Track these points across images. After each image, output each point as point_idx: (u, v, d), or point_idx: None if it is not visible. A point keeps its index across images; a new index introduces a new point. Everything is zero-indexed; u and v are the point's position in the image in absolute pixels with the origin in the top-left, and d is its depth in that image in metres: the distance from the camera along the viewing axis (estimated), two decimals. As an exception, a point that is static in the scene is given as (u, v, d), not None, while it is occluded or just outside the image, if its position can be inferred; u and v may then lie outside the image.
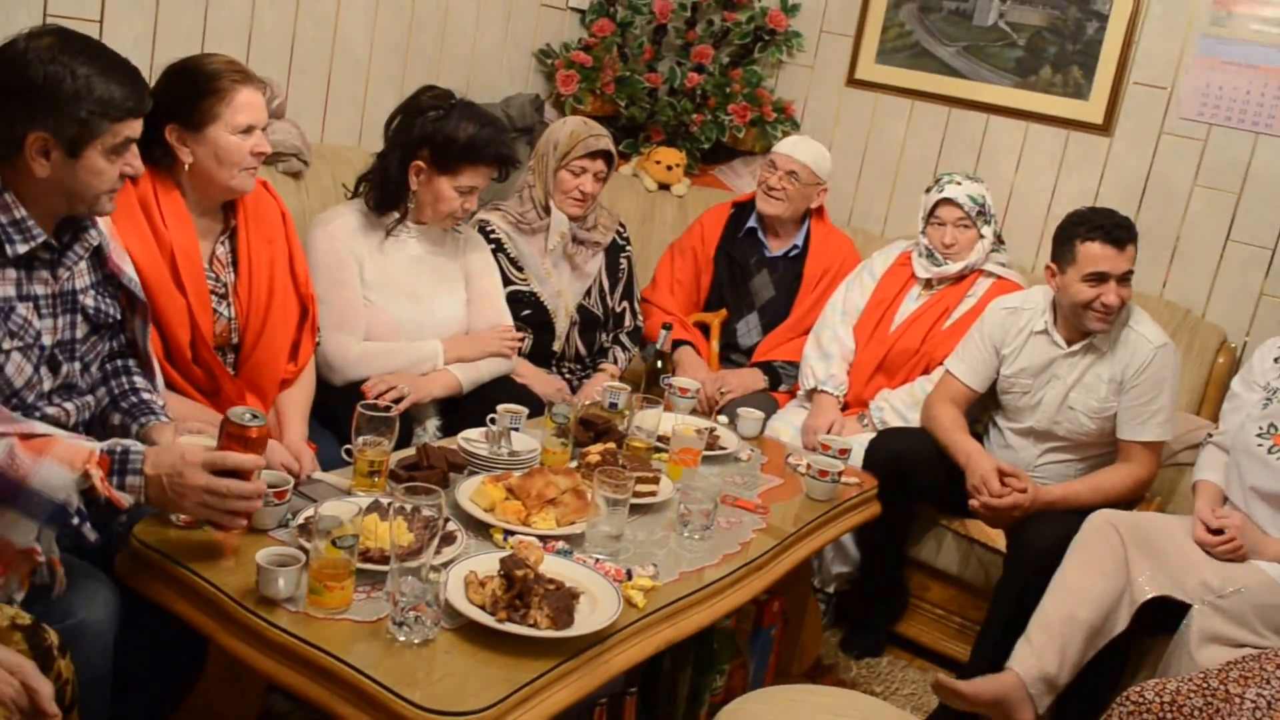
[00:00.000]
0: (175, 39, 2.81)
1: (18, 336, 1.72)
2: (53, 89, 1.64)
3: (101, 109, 1.67)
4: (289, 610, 1.61)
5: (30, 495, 1.56)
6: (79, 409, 1.85)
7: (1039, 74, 3.59)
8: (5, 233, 1.69)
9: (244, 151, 2.18)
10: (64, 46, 1.67)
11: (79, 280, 1.84)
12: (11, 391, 1.72)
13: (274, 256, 2.34)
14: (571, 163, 2.96)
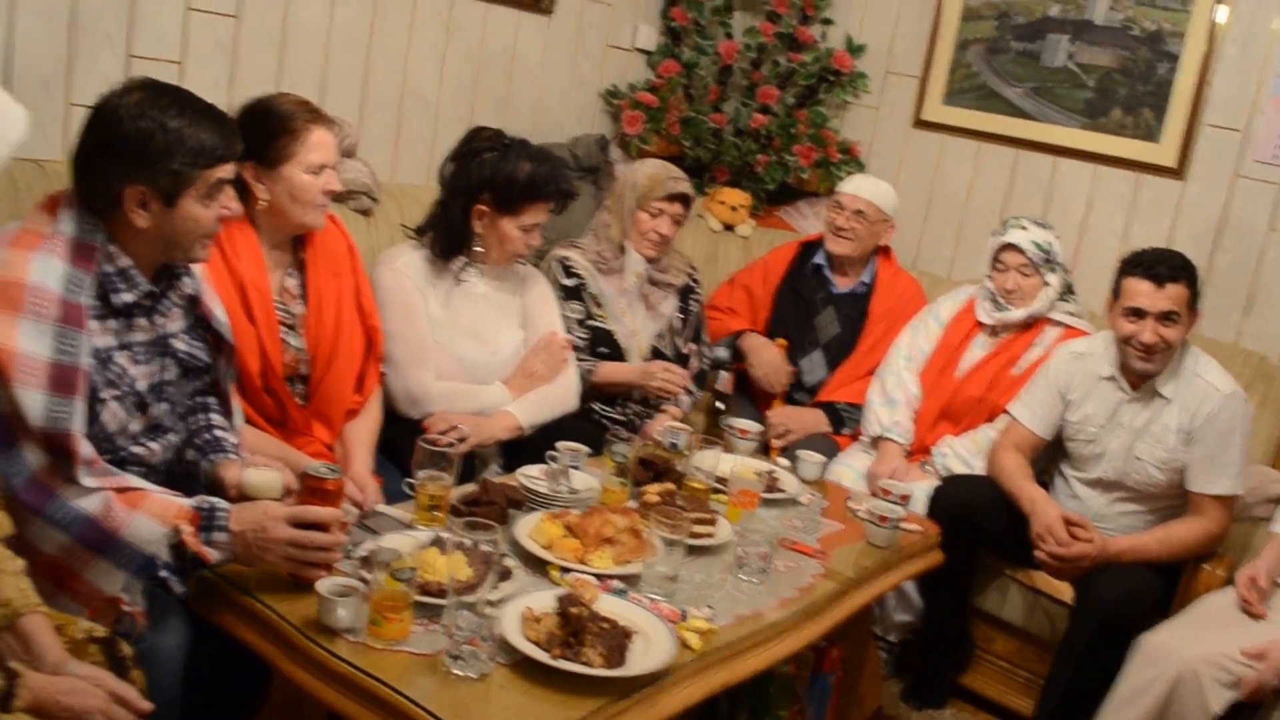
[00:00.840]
0: (252, 80, 2.90)
1: (115, 385, 1.78)
2: (145, 144, 1.70)
3: (192, 158, 1.72)
4: (349, 640, 1.63)
5: (122, 547, 1.64)
6: (164, 448, 1.90)
7: (1109, 116, 3.55)
8: (112, 282, 1.75)
9: (316, 189, 2.23)
10: (153, 101, 1.73)
11: (172, 325, 1.90)
12: (105, 435, 1.77)
13: (341, 289, 2.39)
14: (650, 204, 2.99)
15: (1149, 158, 3.48)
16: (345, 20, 3.08)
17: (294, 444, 2.24)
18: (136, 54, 2.68)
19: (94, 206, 1.74)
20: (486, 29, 3.46)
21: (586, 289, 2.98)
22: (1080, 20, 3.57)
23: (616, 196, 3.05)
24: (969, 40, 3.76)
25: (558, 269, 2.96)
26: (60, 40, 2.54)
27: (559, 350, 2.75)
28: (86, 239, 1.72)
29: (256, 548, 1.69)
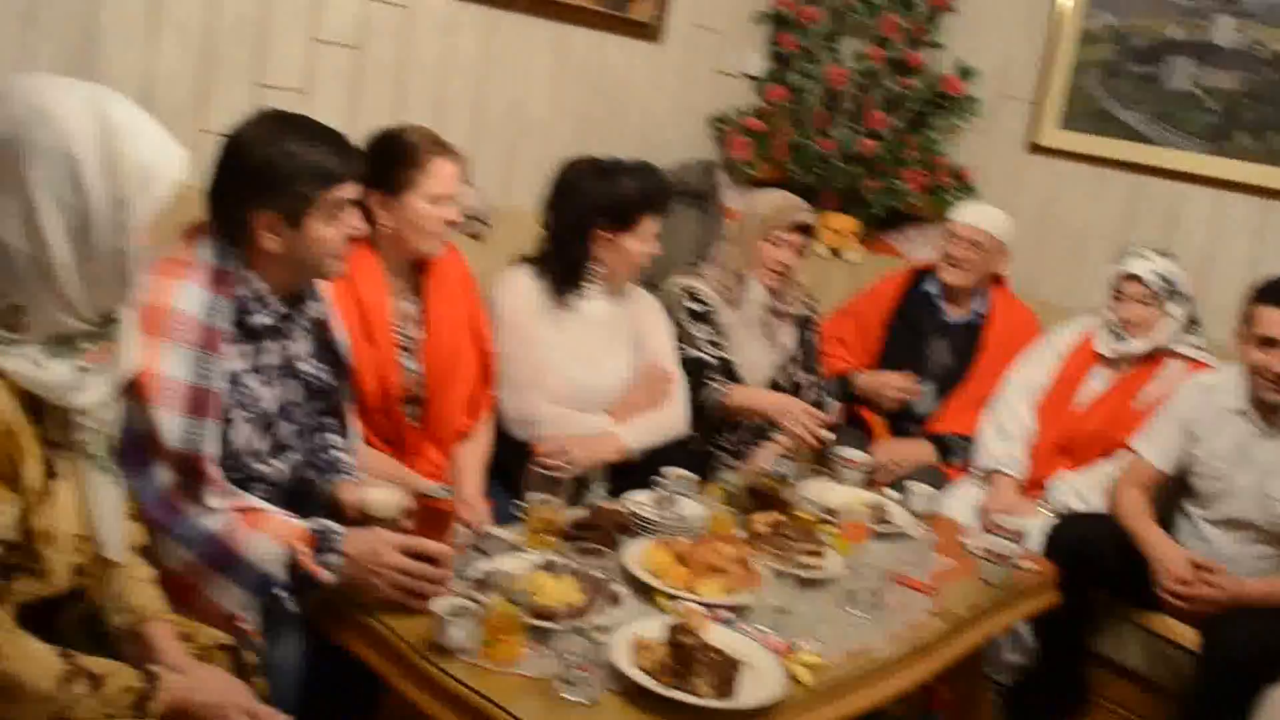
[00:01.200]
0: (372, 107, 2.99)
1: (245, 407, 1.84)
2: (269, 170, 1.77)
3: (313, 180, 1.79)
4: (463, 660, 1.65)
5: (242, 565, 1.70)
6: (288, 466, 1.97)
7: (1234, 140, 3.42)
8: (248, 306, 1.83)
9: (436, 219, 2.28)
10: (277, 129, 1.81)
11: (298, 347, 1.96)
12: (233, 455, 1.84)
13: (458, 316, 2.43)
14: (772, 234, 2.98)
15: (1278, 183, 3.34)
16: (462, 49, 3.15)
17: (407, 464, 2.29)
18: (264, 83, 2.79)
19: (228, 232, 1.81)
20: (598, 56, 3.51)
21: (712, 318, 2.97)
22: (1203, 42, 3.46)
23: (738, 226, 3.04)
24: (1085, 63, 3.67)
25: (684, 297, 2.95)
26: (195, 71, 2.66)
27: (661, 382, 2.76)
28: (224, 265, 1.80)
29: (367, 572, 1.73)
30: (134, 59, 2.55)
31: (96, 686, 1.32)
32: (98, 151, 1.26)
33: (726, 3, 3.86)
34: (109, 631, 1.48)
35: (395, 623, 1.72)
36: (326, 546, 1.74)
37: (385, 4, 2.96)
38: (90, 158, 1.25)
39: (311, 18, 2.84)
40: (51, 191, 1.24)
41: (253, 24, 2.73)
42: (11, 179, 1.23)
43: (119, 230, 1.28)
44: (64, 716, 1.31)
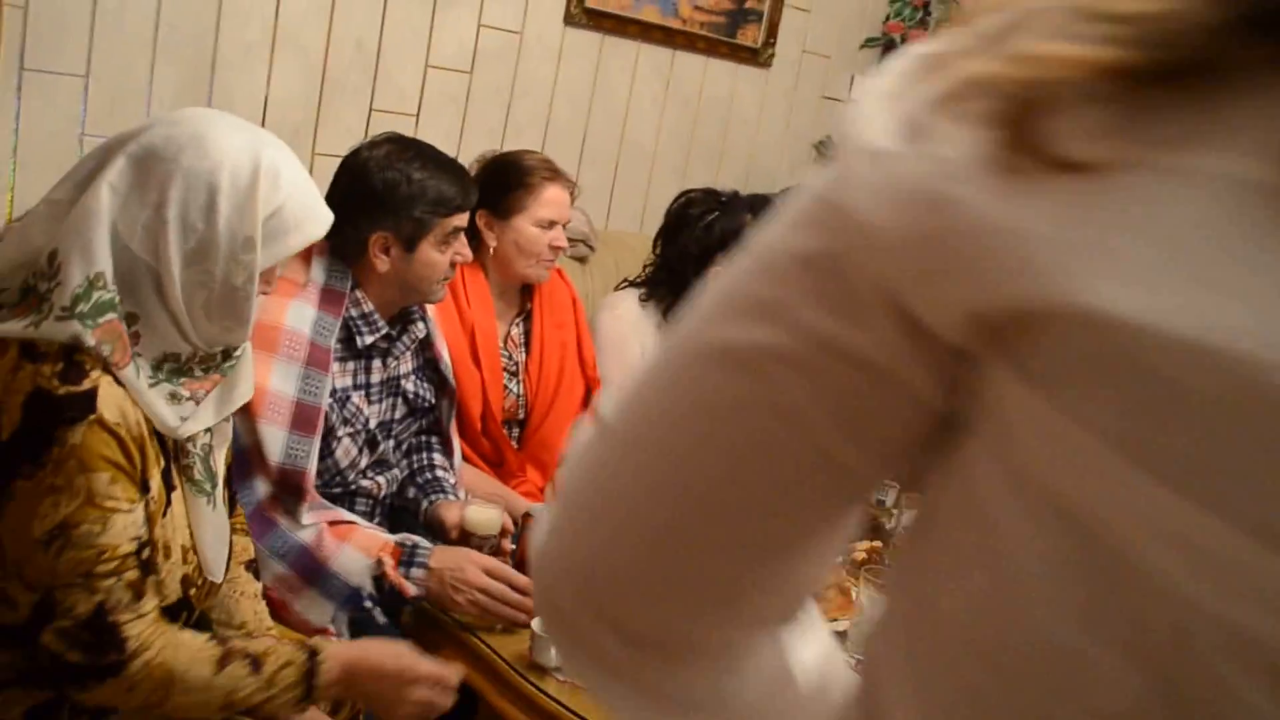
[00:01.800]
0: (480, 132, 3.04)
1: (350, 424, 1.89)
2: (390, 193, 1.83)
3: (433, 207, 1.85)
4: (557, 679, 1.64)
5: (331, 577, 1.74)
6: (389, 482, 2.01)
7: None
8: (356, 325, 1.88)
9: (543, 243, 2.30)
10: (399, 154, 1.87)
11: (403, 366, 2.01)
12: (337, 470, 1.89)
13: (564, 340, 2.45)
14: None
15: None
16: (570, 75, 3.19)
17: (508, 485, 2.30)
18: (378, 108, 2.86)
19: (342, 252, 1.86)
20: (705, 81, 3.51)
21: None
22: None
23: None
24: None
25: None
26: (312, 94, 2.74)
27: None
28: (336, 286, 1.86)
29: (450, 588, 1.76)
30: (252, 82, 2.64)
31: (257, 667, 1.34)
32: (239, 189, 1.29)
33: (836, 28, 3.83)
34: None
35: (493, 639, 1.74)
36: (412, 560, 1.77)
37: (498, 30, 3.01)
38: (229, 191, 1.29)
39: (427, 44, 2.90)
40: (183, 212, 1.28)
41: (369, 50, 2.81)
42: (155, 194, 1.28)
43: (238, 267, 1.30)
44: (235, 702, 1.33)
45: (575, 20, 3.12)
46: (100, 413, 1.22)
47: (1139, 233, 0.38)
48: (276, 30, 2.65)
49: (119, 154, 1.28)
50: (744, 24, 3.51)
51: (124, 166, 1.27)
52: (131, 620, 1.27)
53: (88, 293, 1.22)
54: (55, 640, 1.23)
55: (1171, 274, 0.37)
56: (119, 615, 1.25)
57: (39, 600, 1.23)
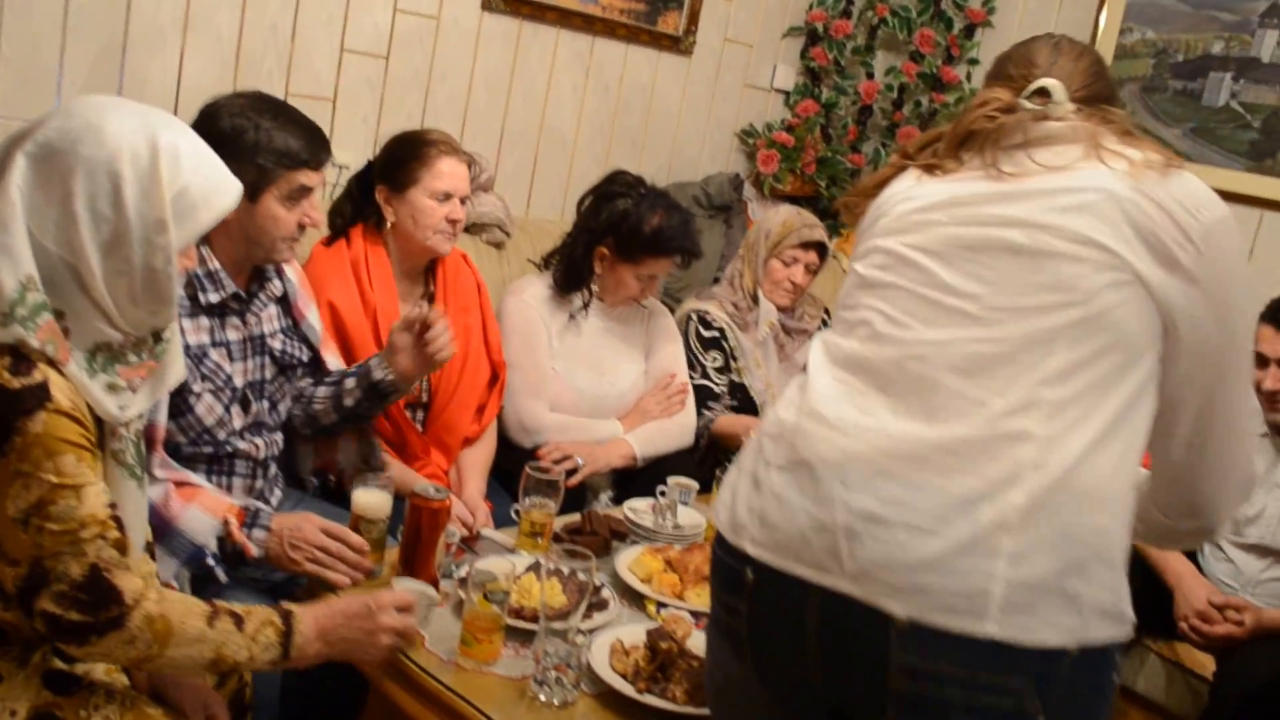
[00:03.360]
0: (398, 116, 3.03)
1: (209, 380, 1.88)
2: (235, 138, 1.82)
3: (277, 158, 1.84)
4: (441, 658, 1.66)
5: (176, 535, 1.75)
6: (268, 444, 2.01)
7: (1276, 157, 3.34)
8: (200, 283, 1.88)
9: (439, 215, 2.31)
10: (254, 105, 1.87)
11: (268, 325, 2.01)
12: (203, 429, 1.89)
13: (469, 324, 2.46)
14: (783, 252, 2.95)
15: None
16: (488, 60, 3.19)
17: (411, 467, 2.31)
18: (294, 92, 2.85)
19: None
20: (625, 68, 3.53)
21: (726, 340, 2.95)
22: (1245, 57, 3.38)
23: (749, 245, 3.02)
24: (1123, 79, 3.61)
25: (696, 322, 2.94)
26: (226, 78, 2.72)
27: (676, 393, 2.75)
28: None
29: (290, 547, 1.79)
30: (164, 65, 2.62)
31: (240, 624, 1.38)
32: (141, 173, 1.30)
33: (759, 16, 3.86)
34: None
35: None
36: (255, 522, 1.81)
37: (414, 15, 3.01)
38: (132, 177, 1.29)
39: (342, 28, 2.89)
40: (91, 204, 1.28)
41: (283, 33, 2.79)
42: (59, 189, 1.28)
43: (154, 251, 1.31)
44: (220, 657, 1.36)
45: (493, 5, 3.13)
46: (56, 400, 1.26)
47: None
48: (189, 13, 2.63)
49: (17, 154, 1.29)
50: (665, 11, 3.53)
51: (24, 166, 1.28)
52: (125, 574, 1.31)
53: (22, 296, 1.25)
54: (54, 604, 1.27)
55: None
56: (113, 572, 1.29)
57: (27, 572, 1.27)
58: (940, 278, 1.26)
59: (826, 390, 1.28)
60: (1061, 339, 1.19)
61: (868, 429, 1.22)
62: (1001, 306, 1.22)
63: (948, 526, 1.14)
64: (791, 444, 1.26)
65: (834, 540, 1.18)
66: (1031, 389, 1.17)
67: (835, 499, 1.20)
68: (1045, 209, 1.24)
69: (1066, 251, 1.21)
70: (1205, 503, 1.35)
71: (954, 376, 1.21)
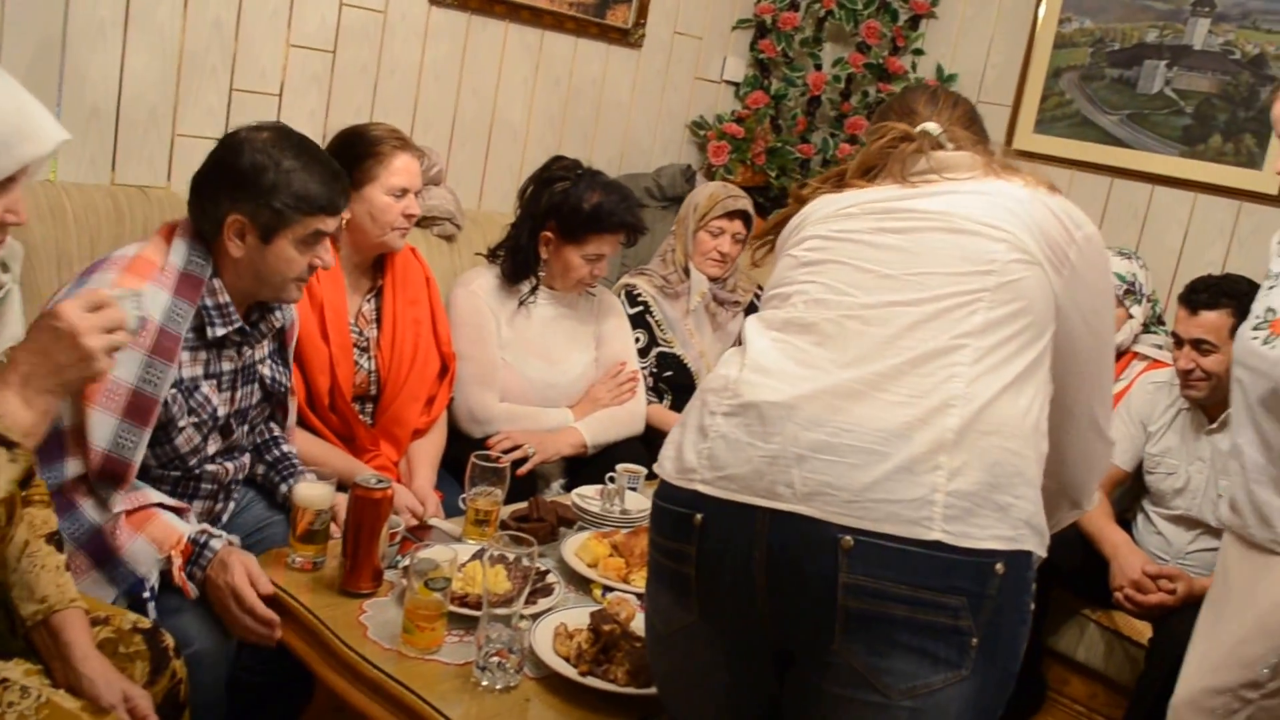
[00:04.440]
0: (346, 110, 3.04)
1: (195, 414, 1.86)
2: (256, 177, 1.79)
3: (296, 202, 1.81)
4: (383, 647, 1.68)
5: (119, 564, 1.73)
6: (237, 467, 2.01)
7: (1208, 143, 3.42)
8: (209, 315, 1.85)
9: (396, 212, 2.33)
10: (278, 141, 1.83)
11: (259, 353, 1.99)
12: (177, 456, 1.87)
13: (417, 317, 2.47)
14: (710, 223, 3.01)
15: (1250, 185, 3.33)
16: (437, 54, 3.20)
17: (360, 459, 2.32)
18: (239, 87, 2.84)
19: (200, 230, 1.84)
20: (575, 61, 3.54)
21: (650, 315, 3.00)
22: (1178, 45, 3.46)
23: (680, 220, 3.08)
24: (1062, 68, 3.68)
25: (624, 297, 2.99)
26: (170, 74, 2.71)
27: (627, 381, 2.78)
28: (194, 272, 1.82)
29: (214, 587, 1.75)
30: (105, 61, 2.60)
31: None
32: None
33: (707, 9, 3.89)
34: (22, 620, 1.48)
35: (321, 610, 1.76)
36: (198, 560, 1.76)
37: (361, 9, 3.01)
38: None
39: (287, 22, 2.89)
40: None
41: (227, 28, 2.79)
42: None
43: None
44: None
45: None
46: None
47: None
48: (130, 8, 2.62)
49: None
50: (614, 4, 3.55)
51: None
52: None
53: None
54: None
55: None
56: None
57: None
58: (872, 253, 1.40)
59: (766, 348, 1.38)
60: (982, 301, 1.34)
61: (809, 377, 1.32)
62: (930, 272, 1.36)
63: (892, 449, 1.25)
64: (736, 392, 1.35)
65: (785, 468, 1.27)
66: (959, 338, 1.32)
67: (785, 433, 1.29)
68: (958, 204, 1.41)
69: (981, 232, 1.38)
70: (1070, 483, 1.56)
71: (890, 329, 1.33)
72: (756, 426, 1.31)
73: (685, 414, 1.42)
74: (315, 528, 1.86)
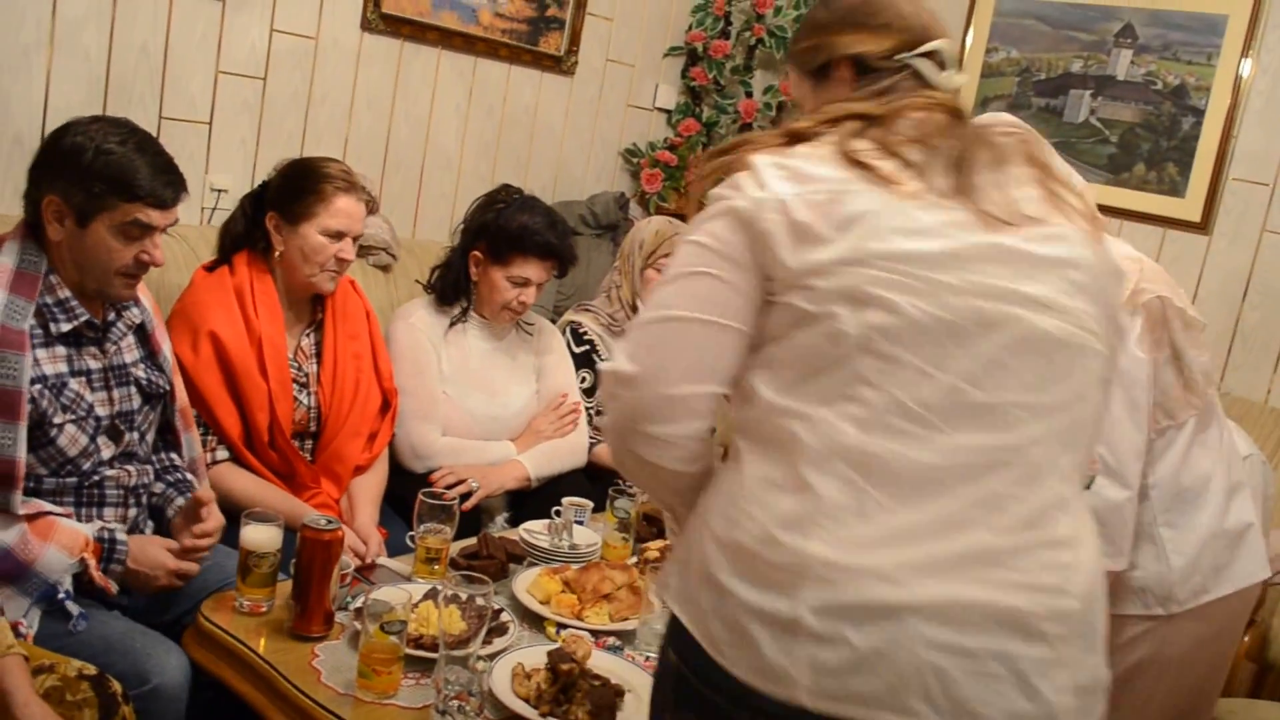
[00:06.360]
0: (278, 138, 2.98)
1: (70, 410, 1.82)
2: (73, 156, 1.75)
3: (113, 186, 1.76)
4: (338, 691, 1.63)
5: (31, 576, 1.71)
6: (139, 473, 1.96)
7: (1132, 171, 3.53)
8: (51, 312, 1.81)
9: (329, 253, 2.28)
10: (108, 128, 1.79)
11: (128, 355, 1.95)
12: (66, 459, 1.82)
13: (358, 351, 2.42)
14: (657, 261, 2.98)
15: (1174, 213, 3.45)
16: (369, 81, 3.16)
17: (300, 497, 2.26)
18: (167, 115, 2.77)
19: (31, 225, 1.81)
20: (508, 88, 3.53)
21: (597, 354, 2.96)
22: (1102, 75, 3.57)
23: (625, 256, 3.05)
24: (989, 97, 3.77)
25: (569, 335, 2.95)
26: (96, 101, 2.64)
27: (568, 413, 2.76)
28: (28, 270, 1.79)
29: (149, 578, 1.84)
30: (29, 87, 2.52)
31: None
32: None
33: (639, 37, 3.90)
34: None
35: (271, 655, 1.70)
36: (111, 557, 1.81)
37: (292, 35, 2.96)
38: None
39: (216, 48, 2.83)
40: None
41: (155, 54, 2.72)
42: None
43: None
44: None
45: (372, 25, 3.10)
46: None
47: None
48: (54, 32, 2.54)
49: None
50: (546, 32, 3.55)
51: None
52: None
53: None
54: None
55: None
56: None
57: None
58: (961, 363, 1.09)
59: (837, 500, 1.08)
60: (1075, 440, 1.16)
61: (915, 565, 1.07)
62: (1028, 404, 1.11)
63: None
64: (825, 581, 1.06)
65: (921, 679, 1.05)
66: (1059, 490, 1.13)
67: (910, 637, 1.05)
68: (1060, 289, 1.14)
69: (1085, 344, 1.15)
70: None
71: (986, 486, 1.09)
72: (870, 627, 1.06)
73: (717, 574, 1.13)
74: (263, 571, 1.80)
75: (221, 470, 2.21)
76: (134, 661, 1.69)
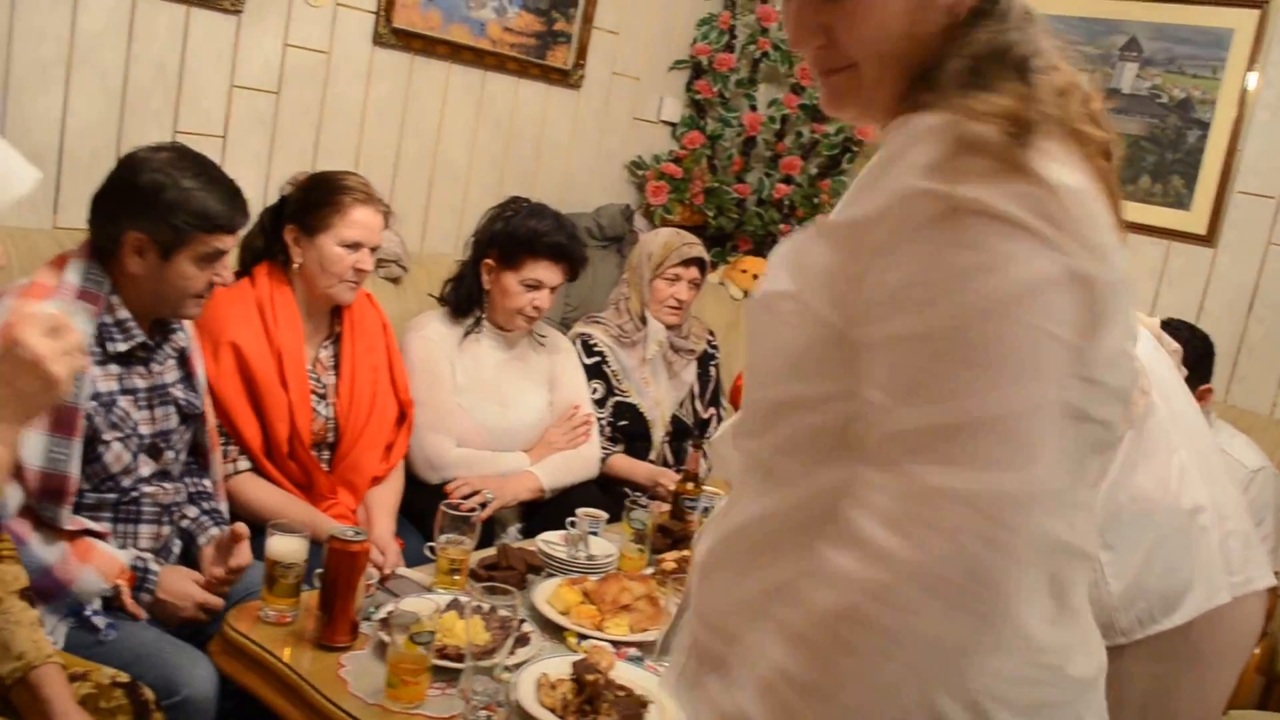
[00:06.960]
0: (291, 152, 3.00)
1: (118, 428, 1.86)
2: (154, 194, 1.81)
3: (195, 220, 1.83)
4: (367, 702, 1.65)
5: (66, 595, 1.75)
6: (174, 490, 2.00)
7: (1137, 184, 3.56)
8: (109, 331, 1.85)
9: (346, 264, 2.30)
10: (177, 161, 1.86)
11: (169, 375, 1.99)
12: (109, 475, 1.86)
13: (375, 364, 2.45)
14: (666, 271, 3.02)
15: (1179, 225, 3.48)
16: (380, 95, 3.18)
17: (318, 508, 2.28)
18: (182, 129, 2.79)
19: (99, 249, 1.85)
20: (516, 102, 3.56)
21: (607, 364, 2.99)
22: (1108, 88, 3.60)
23: (633, 268, 3.08)
24: (993, 110, 3.80)
25: (579, 347, 2.97)
26: (113, 116, 2.66)
27: (580, 425, 2.78)
28: (91, 289, 1.83)
29: (175, 609, 1.88)
30: (48, 105, 2.54)
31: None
32: None
33: (645, 50, 3.94)
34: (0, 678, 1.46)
35: (300, 665, 1.72)
36: (143, 586, 1.85)
37: (305, 50, 2.98)
38: None
39: (231, 64, 2.85)
40: None
41: (171, 70, 2.74)
42: None
43: None
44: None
45: (384, 40, 3.12)
46: None
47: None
48: (73, 50, 2.56)
49: None
50: (554, 46, 3.58)
51: None
52: None
53: None
54: None
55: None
56: None
57: None
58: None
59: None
60: None
61: None
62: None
63: None
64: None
65: None
66: None
67: None
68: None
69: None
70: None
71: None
72: None
73: None
74: (289, 581, 1.82)
75: (242, 480, 2.24)
76: (164, 672, 1.72)
